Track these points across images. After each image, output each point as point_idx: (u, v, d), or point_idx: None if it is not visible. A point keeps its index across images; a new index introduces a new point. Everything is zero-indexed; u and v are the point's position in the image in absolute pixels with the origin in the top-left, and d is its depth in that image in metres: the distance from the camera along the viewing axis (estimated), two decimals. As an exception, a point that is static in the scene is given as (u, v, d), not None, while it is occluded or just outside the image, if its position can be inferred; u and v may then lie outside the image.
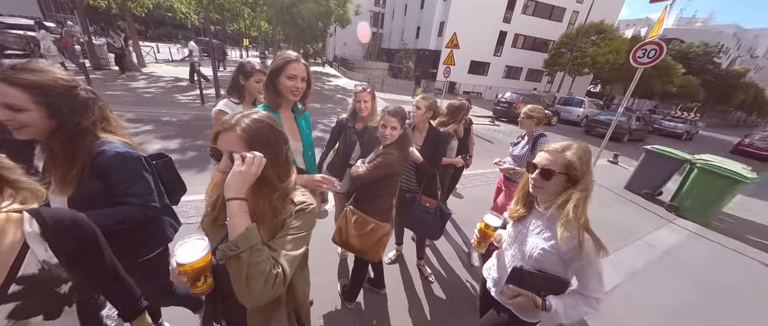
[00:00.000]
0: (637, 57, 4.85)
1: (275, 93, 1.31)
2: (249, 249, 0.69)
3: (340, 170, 2.05)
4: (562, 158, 0.96)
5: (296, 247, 0.79)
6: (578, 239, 0.92)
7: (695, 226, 4.28)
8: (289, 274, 0.74)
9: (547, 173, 0.96)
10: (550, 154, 0.99)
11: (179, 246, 0.75)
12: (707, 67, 30.60)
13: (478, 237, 1.20)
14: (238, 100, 1.75)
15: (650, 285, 2.79)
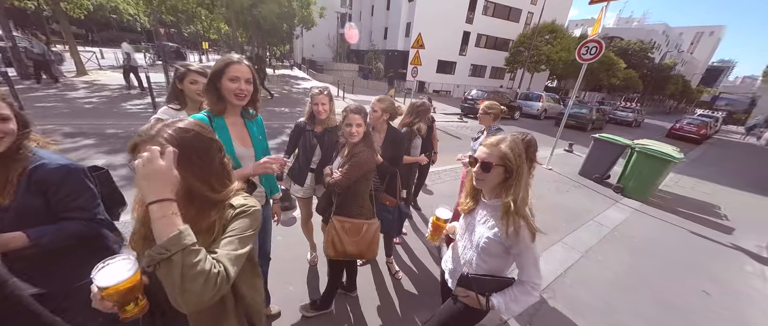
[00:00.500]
0: (582, 54, 5.31)
1: (217, 97, 1.24)
2: (181, 251, 0.61)
3: (300, 175, 2.00)
4: (498, 150, 1.02)
5: (238, 247, 0.74)
6: (515, 226, 0.99)
7: (638, 204, 4.78)
8: (232, 273, 0.69)
9: (486, 166, 1.02)
10: (487, 147, 1.04)
11: (99, 268, 0.69)
12: (643, 61, 34.37)
13: (431, 230, 1.26)
14: (179, 106, 1.64)
15: (602, 259, 3.07)
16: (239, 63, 1.22)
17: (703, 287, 2.80)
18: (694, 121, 14.86)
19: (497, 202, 1.07)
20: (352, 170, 1.55)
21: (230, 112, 1.32)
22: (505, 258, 1.09)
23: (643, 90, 36.33)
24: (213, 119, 1.27)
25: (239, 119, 1.38)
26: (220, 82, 1.21)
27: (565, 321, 2.19)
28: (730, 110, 34.57)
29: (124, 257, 0.72)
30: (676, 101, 49.61)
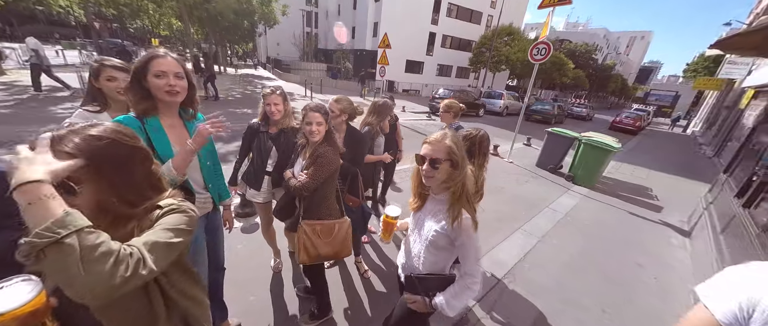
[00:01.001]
0: (533, 55, 5.72)
1: (143, 97, 1.12)
2: (76, 232, 0.51)
3: (256, 179, 1.90)
4: (444, 145, 1.03)
5: (159, 237, 0.66)
6: (459, 217, 1.02)
7: (586, 190, 5.27)
8: (149, 259, 0.60)
9: (435, 162, 1.03)
10: (433, 144, 1.05)
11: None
12: (589, 62, 38.07)
13: (383, 228, 1.26)
14: (100, 107, 1.47)
15: (556, 242, 3.33)
16: (164, 57, 1.11)
17: (637, 260, 3.17)
18: (631, 114, 16.77)
19: (444, 195, 1.10)
20: (318, 171, 1.50)
21: (165, 112, 1.20)
22: (451, 251, 1.12)
23: (590, 88, 40.24)
24: (145, 121, 1.15)
25: (178, 121, 1.26)
26: (145, 79, 1.10)
27: (524, 303, 2.34)
28: (659, 104, 39.58)
29: (24, 277, 0.61)
30: (616, 97, 55.68)
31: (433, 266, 1.14)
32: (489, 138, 1.88)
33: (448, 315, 1.09)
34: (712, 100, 18.59)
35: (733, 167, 4.81)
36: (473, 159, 1.79)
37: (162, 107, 1.18)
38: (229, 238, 2.69)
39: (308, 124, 1.51)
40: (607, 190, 5.45)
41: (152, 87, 1.11)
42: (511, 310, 2.23)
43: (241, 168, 2.00)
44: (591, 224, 3.93)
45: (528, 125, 12.40)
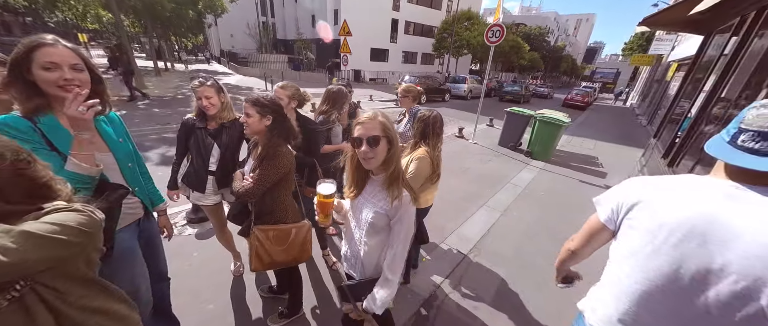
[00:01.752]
0: (489, 37, 5.89)
1: (29, 93, 0.94)
2: None
3: (198, 181, 1.73)
4: (378, 122, 1.00)
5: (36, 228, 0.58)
6: (400, 195, 1.01)
7: (542, 164, 5.66)
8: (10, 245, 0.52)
9: (374, 140, 0.99)
10: (368, 122, 1.00)
11: None
12: (543, 44, 40.50)
13: (318, 210, 1.13)
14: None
15: (516, 214, 3.54)
16: (54, 45, 0.92)
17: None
18: (580, 91, 18.23)
19: (382, 176, 1.06)
20: (265, 174, 1.34)
21: (59, 109, 1.01)
22: (389, 232, 1.09)
23: (545, 69, 42.99)
24: (38, 119, 0.97)
25: None
26: (29, 72, 0.91)
27: (488, 273, 2.46)
28: (604, 81, 43.57)
29: None
30: (568, 76, 60.19)
31: (375, 250, 1.12)
32: (442, 119, 1.90)
33: (377, 312, 1.07)
34: (646, 74, 20.83)
35: (661, 132, 5.44)
36: (427, 140, 1.80)
37: (56, 103, 0.99)
38: (183, 246, 2.50)
39: (247, 116, 1.36)
40: (560, 162, 5.90)
41: (40, 81, 0.93)
42: (477, 281, 2.34)
43: (181, 170, 1.81)
44: (546, 195, 4.24)
45: (495, 106, 12.97)
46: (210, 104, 1.59)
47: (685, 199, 0.73)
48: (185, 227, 2.71)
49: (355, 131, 1.02)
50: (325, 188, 1.10)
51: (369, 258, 1.13)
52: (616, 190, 0.90)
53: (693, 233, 0.68)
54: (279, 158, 1.36)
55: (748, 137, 0.67)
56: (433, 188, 1.97)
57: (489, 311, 2.06)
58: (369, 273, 1.15)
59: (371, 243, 1.11)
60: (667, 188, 0.78)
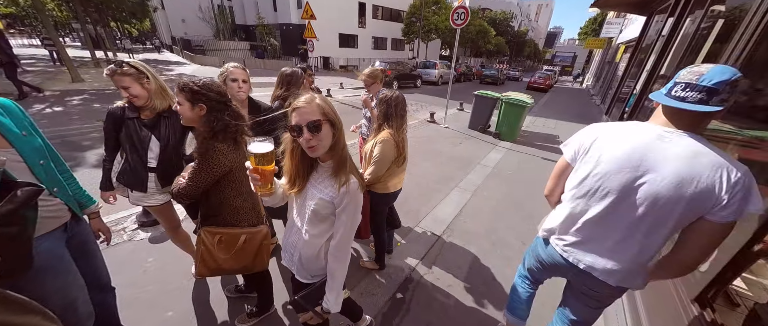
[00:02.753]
0: (454, 20, 5.89)
1: None
2: None
3: (136, 179, 1.52)
4: (316, 106, 0.90)
5: None
6: (347, 182, 0.95)
7: (510, 144, 5.92)
8: None
9: (315, 125, 0.89)
10: (305, 107, 0.89)
11: None
12: (507, 29, 41.80)
13: (258, 178, 0.92)
14: None
15: (486, 194, 3.68)
16: None
17: (549, 196, 3.72)
18: (542, 74, 19.24)
19: (329, 163, 1.00)
20: (200, 173, 1.17)
21: None
22: (333, 221, 1.02)
23: (510, 54, 44.63)
24: None
25: None
26: None
27: (461, 251, 2.54)
28: (563, 65, 46.41)
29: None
30: (531, 60, 63.16)
31: (316, 239, 1.04)
32: (405, 100, 1.85)
33: (336, 310, 1.05)
34: (598, 57, 22.43)
35: (611, 109, 5.89)
36: (390, 122, 1.75)
37: None
38: (136, 252, 2.27)
39: (179, 104, 1.19)
40: (525, 141, 6.21)
41: None
42: (451, 260, 2.40)
43: (115, 167, 1.58)
44: (513, 173, 4.45)
45: (464, 90, 13.28)
46: (131, 95, 1.37)
47: (628, 137, 0.99)
48: (137, 231, 2.46)
49: (292, 118, 0.91)
50: (258, 147, 0.87)
51: (308, 249, 1.05)
52: (579, 134, 1.15)
53: (631, 160, 0.95)
54: (213, 156, 1.16)
55: (679, 88, 0.90)
56: (401, 172, 1.94)
57: (462, 287, 2.13)
58: (307, 266, 1.08)
59: (313, 232, 1.03)
60: (617, 130, 1.05)
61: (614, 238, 1.03)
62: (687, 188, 0.86)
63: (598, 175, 1.02)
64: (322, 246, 1.05)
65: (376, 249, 2.19)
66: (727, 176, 0.82)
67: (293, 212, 1.09)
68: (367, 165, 1.82)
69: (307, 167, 1.02)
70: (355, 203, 0.98)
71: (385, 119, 1.78)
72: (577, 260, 1.13)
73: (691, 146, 0.88)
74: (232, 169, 1.24)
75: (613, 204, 1.00)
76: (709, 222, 0.87)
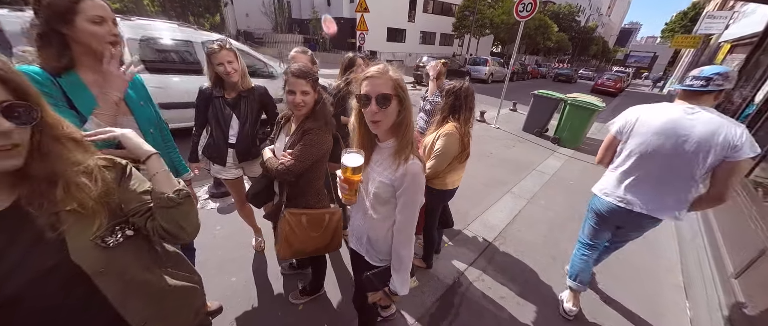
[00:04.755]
0: (519, 11, 5.42)
1: (61, 48, 0.88)
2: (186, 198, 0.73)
3: (219, 153, 1.66)
4: (389, 78, 0.85)
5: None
6: (406, 161, 0.90)
7: (571, 151, 5.32)
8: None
9: (384, 99, 0.84)
10: (377, 78, 0.84)
11: None
12: (572, 24, 37.63)
13: (347, 187, 0.95)
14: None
15: (544, 203, 3.35)
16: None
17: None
18: (612, 76, 16.99)
19: (390, 143, 0.95)
20: (306, 152, 1.25)
21: (89, 66, 0.95)
22: (395, 204, 0.99)
23: (573, 52, 40.23)
24: (61, 75, 0.91)
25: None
26: (73, 24, 0.85)
27: (515, 262, 2.34)
28: (638, 66, 40.37)
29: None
30: (597, 60, 56.21)
31: (382, 222, 1.02)
32: (474, 92, 1.72)
33: (403, 293, 1.03)
34: (688, 58, 18.99)
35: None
36: (458, 115, 1.64)
37: (86, 60, 0.93)
38: (207, 219, 2.52)
39: (291, 93, 1.24)
40: (591, 150, 5.52)
41: (87, 35, 0.88)
42: (504, 270, 2.22)
43: (201, 141, 1.74)
44: (576, 183, 3.98)
45: (519, 90, 12.33)
46: (232, 69, 1.48)
47: (663, 114, 1.43)
48: (207, 201, 2.73)
49: (362, 86, 0.86)
50: (352, 160, 0.90)
51: (375, 232, 1.05)
52: (623, 114, 1.59)
53: (666, 129, 1.40)
54: (323, 135, 1.28)
55: (689, 79, 1.40)
56: (461, 169, 1.83)
57: (517, 302, 1.96)
58: (376, 247, 1.07)
59: (377, 216, 1.01)
60: (653, 109, 1.48)
61: (661, 185, 1.47)
62: (712, 141, 1.30)
63: (643, 142, 1.46)
64: (389, 228, 1.03)
65: (424, 247, 2.12)
66: (735, 130, 1.27)
67: (361, 194, 1.06)
68: (426, 159, 1.74)
69: (370, 139, 0.98)
70: (415, 185, 0.92)
71: (451, 111, 1.68)
72: (631, 204, 1.54)
73: (708, 115, 1.34)
74: (328, 150, 1.33)
75: (657, 161, 1.44)
76: (729, 162, 1.29)
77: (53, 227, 0.55)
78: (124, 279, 0.65)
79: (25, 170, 0.53)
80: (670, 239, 2.89)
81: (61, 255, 0.56)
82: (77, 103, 0.93)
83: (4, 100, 0.48)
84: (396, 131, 0.92)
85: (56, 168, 0.56)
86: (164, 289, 0.75)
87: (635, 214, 1.54)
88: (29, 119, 0.51)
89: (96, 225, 0.59)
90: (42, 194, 0.54)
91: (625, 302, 2.04)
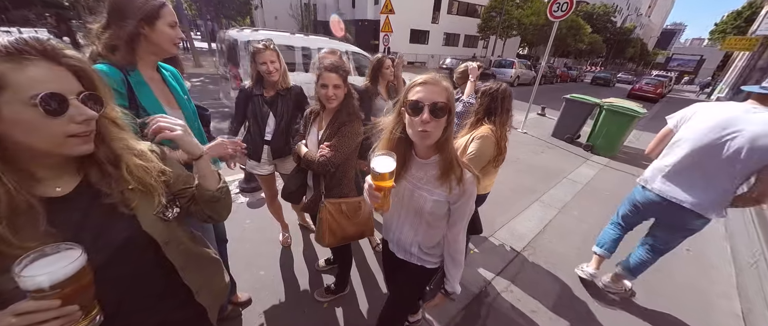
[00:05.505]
0: (553, 11, 5.18)
1: (132, 47, 0.97)
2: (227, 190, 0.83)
3: (255, 149, 1.72)
4: (444, 88, 0.79)
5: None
6: (463, 177, 0.88)
7: (606, 160, 4.99)
8: None
9: (438, 109, 0.77)
10: (433, 85, 0.79)
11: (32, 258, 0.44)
12: (606, 25, 35.49)
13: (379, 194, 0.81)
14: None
15: (576, 213, 3.16)
16: (169, 6, 1.00)
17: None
18: (652, 81, 15.82)
19: (434, 159, 0.91)
20: (344, 143, 1.31)
21: (146, 65, 1.03)
22: (447, 218, 0.99)
23: (606, 54, 37.92)
24: (129, 72, 0.98)
25: (156, 75, 1.09)
26: (154, 26, 0.96)
27: (546, 275, 2.21)
28: (682, 70, 37.19)
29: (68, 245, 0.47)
30: (634, 63, 52.56)
31: (433, 238, 1.04)
32: (512, 94, 1.65)
33: (459, 291, 1.09)
34: (743, 62, 17.23)
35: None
36: (494, 117, 1.58)
37: (148, 59, 1.03)
38: (237, 213, 2.62)
39: (323, 87, 1.29)
40: (628, 159, 5.16)
41: (163, 37, 0.99)
42: (534, 283, 2.11)
43: (238, 137, 1.81)
44: (613, 195, 3.72)
45: (546, 94, 11.78)
46: (273, 68, 1.54)
47: (722, 111, 1.46)
48: (238, 195, 2.83)
49: (413, 92, 0.80)
50: (384, 164, 0.78)
51: (429, 240, 1.05)
52: (683, 110, 1.63)
53: (720, 124, 1.42)
54: (357, 127, 1.34)
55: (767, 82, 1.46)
56: (494, 173, 1.76)
57: (550, 318, 1.84)
58: (431, 252, 1.08)
59: (430, 232, 1.02)
60: (713, 106, 1.51)
61: (705, 180, 1.47)
62: (761, 142, 1.29)
63: (694, 135, 1.49)
64: (442, 235, 1.04)
65: (450, 253, 2.06)
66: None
67: (399, 211, 1.05)
68: (459, 162, 1.69)
69: (405, 150, 0.92)
70: (471, 195, 0.92)
71: (486, 113, 1.62)
72: (674, 197, 1.56)
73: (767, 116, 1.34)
74: (361, 141, 1.39)
75: (703, 153, 1.46)
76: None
77: (125, 204, 0.61)
78: (180, 249, 0.72)
79: (91, 154, 0.57)
80: (725, 264, 2.61)
81: (134, 227, 0.62)
82: (141, 98, 1.00)
83: (83, 90, 0.52)
84: (441, 146, 0.87)
85: (118, 151, 0.61)
86: (205, 258, 0.83)
87: (675, 207, 1.56)
88: (98, 108, 0.55)
89: (156, 201, 0.66)
90: (110, 174, 0.60)
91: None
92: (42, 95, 0.46)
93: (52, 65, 0.49)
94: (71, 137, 0.51)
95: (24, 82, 0.45)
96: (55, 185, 0.56)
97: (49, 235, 0.50)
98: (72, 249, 0.47)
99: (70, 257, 0.46)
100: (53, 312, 0.43)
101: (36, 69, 0.46)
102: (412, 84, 0.82)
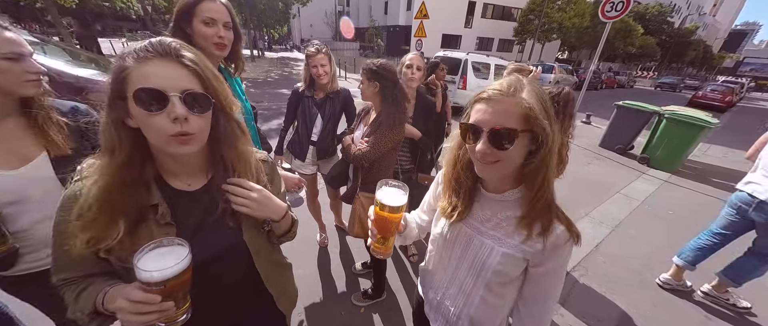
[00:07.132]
0: (606, 11, 4.79)
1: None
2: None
3: (301, 149, 1.77)
4: (516, 104, 0.54)
5: None
6: (551, 229, 0.60)
7: (666, 175, 4.46)
8: None
9: (503, 135, 0.54)
10: (500, 101, 0.55)
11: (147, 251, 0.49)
12: (662, 27, 32.22)
13: (375, 230, 0.71)
14: None
15: (633, 233, 2.83)
16: (213, 0, 0.94)
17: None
18: (719, 88, 13.98)
19: (512, 194, 0.65)
20: (381, 140, 1.33)
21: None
22: (519, 286, 0.70)
23: (662, 58, 34.35)
24: None
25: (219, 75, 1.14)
26: (190, 25, 0.94)
27: (602, 300, 1.99)
28: (757, 76, 32.46)
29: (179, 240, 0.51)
30: (695, 68, 47.02)
31: (501, 308, 0.72)
32: (575, 98, 1.51)
33: None
34: (840, 66, 14.59)
35: None
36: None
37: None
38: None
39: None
40: (694, 175, 4.56)
41: (198, 35, 0.95)
42: (588, 308, 1.91)
43: (287, 137, 1.88)
44: (677, 214, 3.29)
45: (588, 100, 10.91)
46: (324, 72, 1.58)
47: None
48: (277, 194, 2.96)
49: (474, 110, 0.59)
50: (391, 197, 0.67)
51: (486, 318, 0.74)
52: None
53: None
54: (395, 127, 1.35)
55: None
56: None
57: (609, 348, 1.65)
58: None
59: (490, 300, 0.71)
60: None
61: None
62: None
63: None
64: (507, 315, 0.75)
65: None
66: None
67: (448, 262, 0.77)
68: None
69: (470, 184, 0.69)
70: (563, 261, 0.64)
71: None
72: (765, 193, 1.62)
73: None
74: (400, 140, 1.41)
75: None
76: None
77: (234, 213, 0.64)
78: (269, 260, 0.76)
79: (214, 155, 0.61)
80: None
81: (238, 235, 0.66)
82: None
83: (187, 89, 0.49)
84: (525, 180, 0.62)
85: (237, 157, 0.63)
86: (282, 265, 0.87)
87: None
88: (204, 109, 0.52)
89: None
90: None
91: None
92: (136, 89, 0.45)
93: (166, 63, 0.48)
94: (173, 137, 0.49)
95: (134, 78, 0.46)
96: (187, 181, 0.61)
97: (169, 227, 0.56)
98: (182, 245, 0.50)
99: (179, 254, 0.48)
100: (155, 306, 0.46)
101: (149, 66, 0.47)
102: (476, 97, 0.60)
